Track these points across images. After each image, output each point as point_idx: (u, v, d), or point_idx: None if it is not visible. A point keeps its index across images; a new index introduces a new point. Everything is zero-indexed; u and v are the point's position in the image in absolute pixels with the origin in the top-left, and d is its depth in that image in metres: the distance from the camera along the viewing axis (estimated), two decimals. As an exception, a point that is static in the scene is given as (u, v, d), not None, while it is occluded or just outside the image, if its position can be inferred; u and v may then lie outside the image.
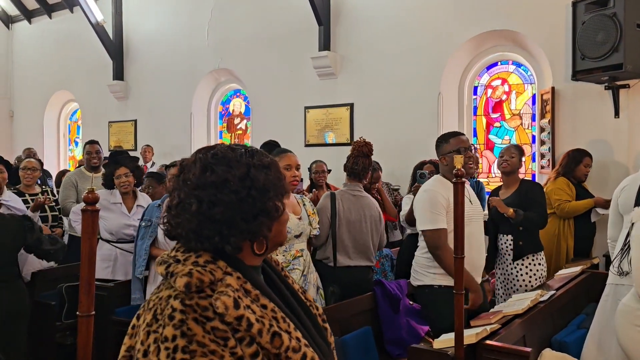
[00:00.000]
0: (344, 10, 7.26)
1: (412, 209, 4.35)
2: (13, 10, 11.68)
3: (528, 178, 6.10)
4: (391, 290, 3.61)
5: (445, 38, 6.47)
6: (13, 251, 3.51)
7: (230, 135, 9.10)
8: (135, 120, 9.74)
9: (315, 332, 1.28)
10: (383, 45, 6.93)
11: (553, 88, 5.72)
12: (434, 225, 3.15)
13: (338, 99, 7.36)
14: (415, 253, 3.46)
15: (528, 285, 4.01)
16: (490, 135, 6.73)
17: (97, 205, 1.33)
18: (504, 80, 6.61)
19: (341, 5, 7.27)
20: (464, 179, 2.34)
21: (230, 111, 9.13)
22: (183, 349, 1.04)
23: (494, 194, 4.38)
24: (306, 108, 7.62)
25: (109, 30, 9.64)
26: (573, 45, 5.10)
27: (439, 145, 3.37)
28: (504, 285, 4.15)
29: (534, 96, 6.36)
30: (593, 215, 4.87)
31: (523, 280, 4.03)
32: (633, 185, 3.37)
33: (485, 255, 3.46)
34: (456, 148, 3.24)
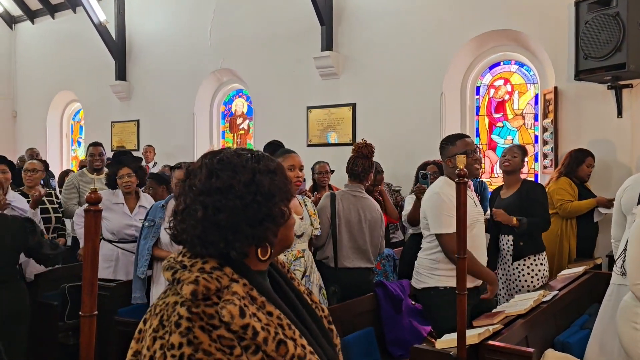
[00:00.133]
0: (346, 10, 7.26)
1: (414, 208, 4.37)
2: (16, 11, 11.71)
3: (530, 178, 6.09)
4: (393, 291, 3.60)
5: (447, 38, 6.46)
6: (14, 252, 3.51)
7: (233, 136, 9.11)
8: (137, 121, 9.75)
9: (321, 335, 1.28)
10: (385, 45, 6.92)
11: (556, 88, 5.71)
12: (450, 230, 3.06)
13: (340, 99, 7.36)
14: (419, 254, 3.44)
15: (530, 285, 4.00)
16: (493, 135, 6.72)
17: (100, 205, 1.33)
18: (507, 80, 6.60)
19: (343, 5, 7.27)
20: (467, 180, 2.34)
21: (233, 111, 9.13)
22: (189, 357, 1.05)
23: (495, 194, 4.37)
24: (308, 108, 7.62)
25: (112, 30, 9.66)
26: (576, 44, 5.10)
27: (445, 147, 3.33)
28: (506, 285, 4.14)
29: (536, 96, 6.35)
30: (596, 215, 4.86)
31: (525, 281, 4.02)
32: (636, 185, 3.38)
33: (486, 255, 3.45)
34: (463, 150, 3.21)
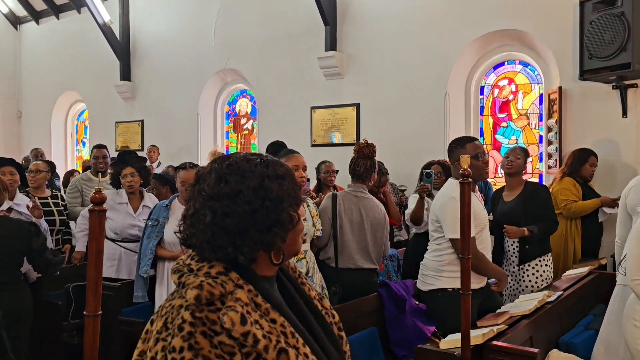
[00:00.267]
0: (350, 10, 7.25)
1: (417, 207, 4.36)
2: (21, 11, 11.74)
3: (532, 180, 6.08)
4: (397, 291, 3.59)
5: (451, 38, 6.45)
6: (18, 254, 3.50)
7: (237, 136, 9.12)
8: (142, 121, 9.77)
9: (329, 342, 1.27)
10: (389, 45, 6.92)
11: (560, 88, 5.69)
12: None
13: (344, 99, 7.35)
14: (425, 256, 3.42)
15: (535, 286, 3.99)
16: (497, 136, 6.71)
17: (104, 205, 1.33)
18: (511, 80, 6.59)
19: (347, 5, 7.27)
20: (471, 180, 2.33)
21: (237, 111, 9.14)
22: None
23: (497, 196, 4.33)
24: (312, 108, 7.62)
25: (116, 30, 9.68)
26: (580, 44, 5.08)
27: (453, 150, 3.31)
28: (510, 286, 4.13)
29: (541, 96, 6.34)
30: (600, 214, 4.84)
31: (529, 281, 4.01)
32: (641, 186, 3.37)
33: (491, 257, 3.45)
34: (474, 154, 3.20)
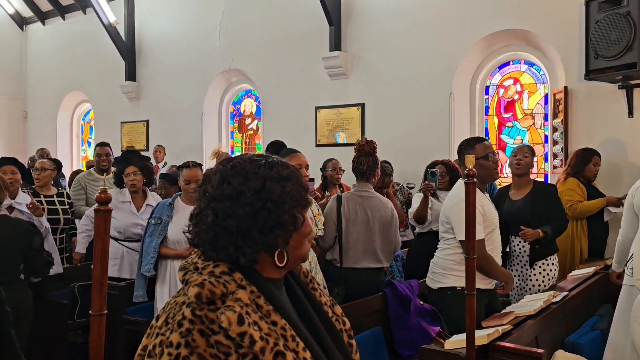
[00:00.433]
0: (354, 10, 7.25)
1: (421, 206, 4.35)
2: (27, 12, 11.80)
3: (538, 179, 6.05)
4: (402, 291, 3.59)
5: (456, 37, 6.44)
6: (18, 254, 3.50)
7: (242, 136, 9.13)
8: (147, 121, 9.79)
9: (337, 349, 1.26)
10: (394, 45, 6.91)
11: (566, 87, 5.67)
12: (479, 236, 3.03)
13: (349, 99, 7.35)
14: (435, 254, 3.43)
15: (541, 286, 3.97)
16: (502, 135, 6.69)
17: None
18: (516, 80, 6.57)
19: (352, 5, 7.26)
20: (476, 180, 2.33)
21: (242, 111, 9.15)
22: (184, 359, 1.06)
23: (503, 194, 4.29)
24: (317, 108, 7.62)
25: (122, 31, 9.71)
26: (586, 44, 5.05)
27: (463, 151, 3.31)
28: (517, 286, 4.12)
29: (546, 96, 6.32)
30: (606, 214, 4.82)
31: (537, 280, 4.00)
32: (648, 185, 3.35)
33: (500, 258, 3.44)
34: (484, 154, 3.20)
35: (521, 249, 4.07)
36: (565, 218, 4.16)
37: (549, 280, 4.00)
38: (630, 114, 5.31)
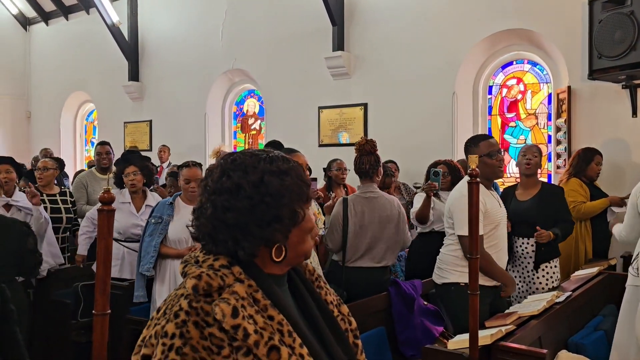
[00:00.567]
0: (357, 10, 7.25)
1: (423, 206, 4.35)
2: (30, 12, 11.82)
3: (541, 179, 6.03)
4: (406, 290, 3.60)
5: (459, 37, 6.44)
6: (14, 254, 3.49)
7: (245, 136, 9.14)
8: (150, 121, 9.81)
9: (341, 349, 1.25)
10: (397, 45, 6.91)
11: (569, 87, 5.66)
12: None
13: (352, 99, 7.35)
14: (441, 250, 3.44)
15: (545, 288, 3.95)
16: (506, 135, 6.68)
17: (111, 204, 1.34)
18: (519, 80, 6.56)
19: (355, 5, 7.26)
20: (479, 180, 2.33)
21: (245, 111, 9.16)
22: (177, 350, 1.06)
23: (509, 194, 4.27)
24: (320, 108, 7.62)
25: (125, 31, 9.72)
26: (589, 44, 5.04)
27: (468, 148, 3.34)
28: (519, 288, 4.10)
29: (549, 95, 6.31)
30: (609, 214, 4.79)
31: (540, 283, 3.97)
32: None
33: (507, 255, 3.44)
34: (487, 152, 3.21)
35: (524, 250, 4.03)
36: (571, 220, 4.12)
37: (553, 282, 3.98)
38: (634, 113, 5.29)
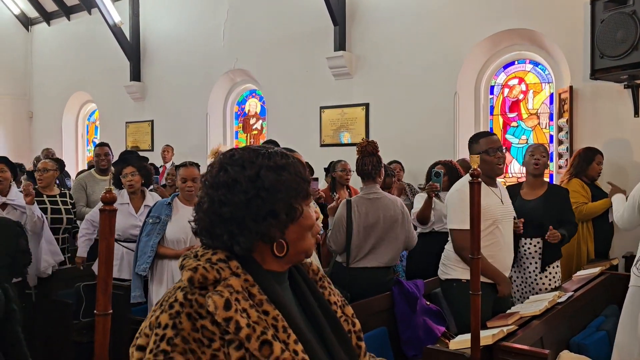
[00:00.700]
0: (359, 10, 7.25)
1: (425, 206, 4.36)
2: (32, 12, 11.84)
3: (545, 179, 6.02)
4: (409, 289, 3.61)
5: (461, 37, 6.43)
6: (6, 255, 3.49)
7: (246, 136, 9.14)
8: (152, 121, 9.82)
9: (343, 350, 1.25)
10: (399, 45, 6.90)
11: (571, 87, 5.65)
12: (461, 226, 3.17)
13: (353, 99, 7.35)
14: (445, 247, 3.47)
15: (548, 288, 3.95)
16: (507, 135, 6.67)
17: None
18: (521, 80, 6.55)
19: (356, 5, 7.26)
20: (480, 180, 2.32)
21: (246, 111, 9.16)
22: (168, 340, 1.07)
23: (514, 193, 4.22)
24: (322, 108, 7.62)
25: (126, 31, 9.73)
26: (591, 43, 5.03)
27: (470, 145, 3.38)
28: (520, 288, 4.09)
29: (551, 95, 6.30)
30: (611, 214, 4.78)
31: (543, 284, 3.96)
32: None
33: (513, 254, 3.44)
34: (485, 149, 3.22)
35: (526, 251, 4.00)
36: (575, 222, 4.11)
37: (555, 283, 3.97)
38: (636, 113, 5.28)
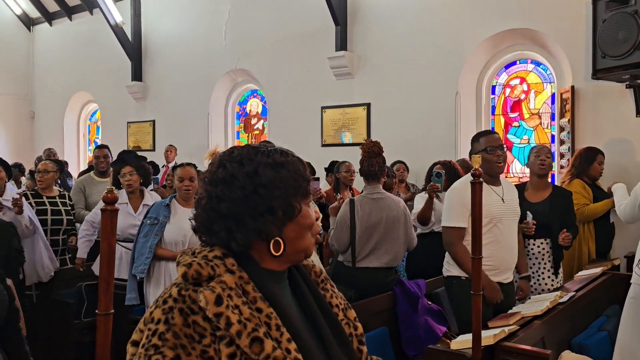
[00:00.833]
0: (360, 10, 7.24)
1: (425, 207, 4.37)
2: (34, 13, 11.86)
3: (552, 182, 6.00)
4: (410, 288, 3.61)
5: (463, 37, 6.42)
6: (3, 253, 3.49)
7: (247, 136, 9.14)
8: (153, 121, 9.82)
9: (343, 353, 1.24)
10: (400, 45, 6.90)
11: (573, 87, 5.65)
12: (451, 223, 3.23)
13: (355, 98, 7.35)
14: None
15: (551, 289, 3.94)
16: (509, 135, 6.66)
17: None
18: (523, 79, 6.55)
19: (358, 5, 7.26)
20: (482, 180, 2.32)
21: (248, 111, 9.16)
22: (160, 335, 1.07)
23: (519, 191, 4.18)
24: (323, 108, 7.62)
25: (128, 31, 9.74)
26: (593, 43, 5.03)
27: (472, 144, 3.39)
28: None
29: (553, 95, 6.29)
30: (612, 215, 4.76)
31: (546, 284, 3.96)
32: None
33: (517, 254, 3.42)
34: (484, 147, 3.23)
35: (529, 252, 3.99)
36: (576, 225, 4.10)
37: (556, 284, 3.96)
38: (638, 113, 5.27)
